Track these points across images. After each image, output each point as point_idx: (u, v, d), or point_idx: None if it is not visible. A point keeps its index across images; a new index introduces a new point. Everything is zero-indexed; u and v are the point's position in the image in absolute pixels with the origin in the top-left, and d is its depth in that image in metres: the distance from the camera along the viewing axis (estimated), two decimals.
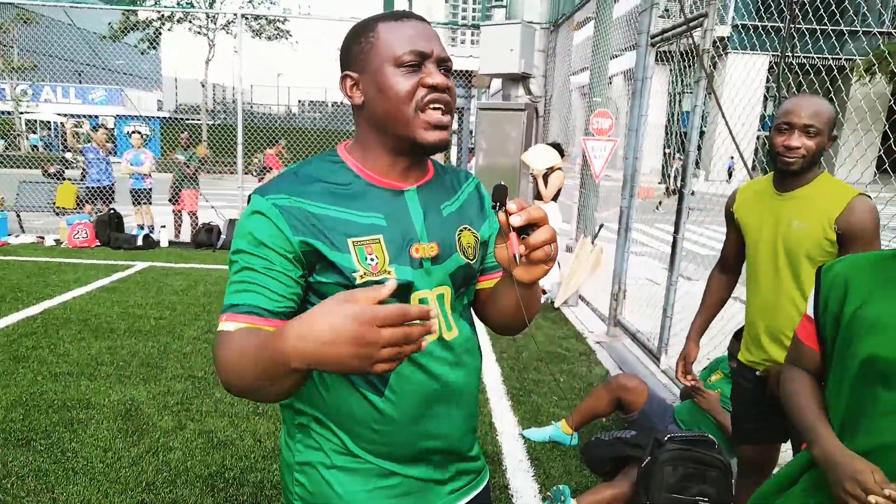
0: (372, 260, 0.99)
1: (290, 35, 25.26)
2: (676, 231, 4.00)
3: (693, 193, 3.91)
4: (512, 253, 0.91)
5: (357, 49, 1.01)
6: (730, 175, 16.61)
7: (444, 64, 1.01)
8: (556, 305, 5.90)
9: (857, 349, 1.17)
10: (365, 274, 0.98)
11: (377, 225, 1.01)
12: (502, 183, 0.93)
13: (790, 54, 3.59)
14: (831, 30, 3.60)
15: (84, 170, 9.05)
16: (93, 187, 8.79)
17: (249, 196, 1.01)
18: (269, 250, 0.96)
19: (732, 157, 12.38)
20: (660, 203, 14.70)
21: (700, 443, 2.41)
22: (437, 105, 0.99)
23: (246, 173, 9.31)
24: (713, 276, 2.38)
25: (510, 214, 0.89)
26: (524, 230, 0.90)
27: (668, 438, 2.41)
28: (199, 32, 24.75)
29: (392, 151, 1.03)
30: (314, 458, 1.07)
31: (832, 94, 5.27)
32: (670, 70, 4.88)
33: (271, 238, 0.96)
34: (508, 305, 1.09)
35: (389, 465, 1.06)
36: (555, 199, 6.52)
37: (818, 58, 4.13)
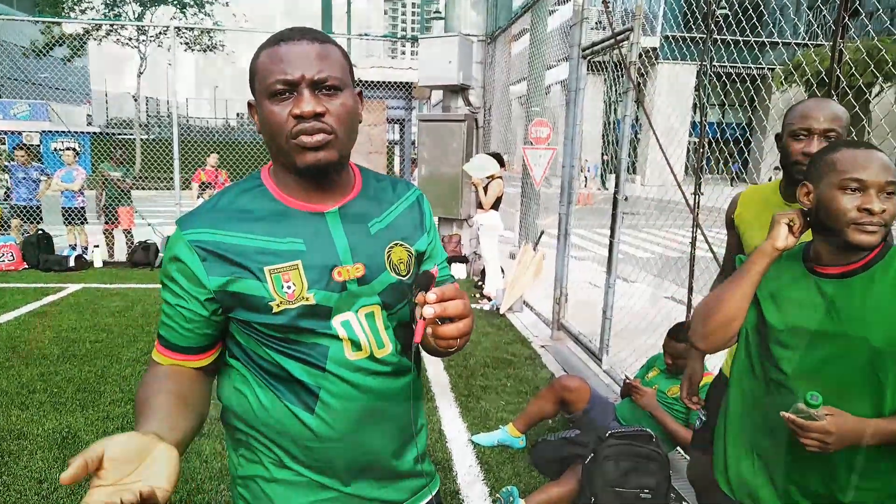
0: (289, 287, 0.99)
1: (224, 46, 24.72)
2: (612, 235, 4.16)
3: (626, 199, 4.07)
4: (414, 341, 0.92)
5: (250, 77, 1.03)
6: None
7: (321, 85, 0.97)
8: (501, 312, 6.01)
9: None
10: (281, 303, 0.99)
11: (296, 251, 1.01)
12: (430, 272, 0.95)
13: (715, 64, 3.81)
14: (752, 41, 3.84)
15: (8, 189, 8.63)
16: (20, 206, 8.41)
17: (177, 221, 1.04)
18: (184, 291, 1.02)
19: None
20: None
21: (639, 437, 2.52)
22: (306, 131, 0.97)
23: (185, 189, 9.07)
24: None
25: (426, 303, 0.89)
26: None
27: (609, 435, 2.52)
28: (127, 44, 23.92)
29: (293, 174, 1.03)
30: (255, 472, 1.08)
31: (756, 103, 5.61)
32: (604, 80, 5.08)
33: (186, 282, 1.01)
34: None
35: (326, 481, 1.07)
36: (496, 207, 6.65)
37: (742, 67, 4.40)
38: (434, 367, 4.40)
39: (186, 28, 22.18)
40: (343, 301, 1.03)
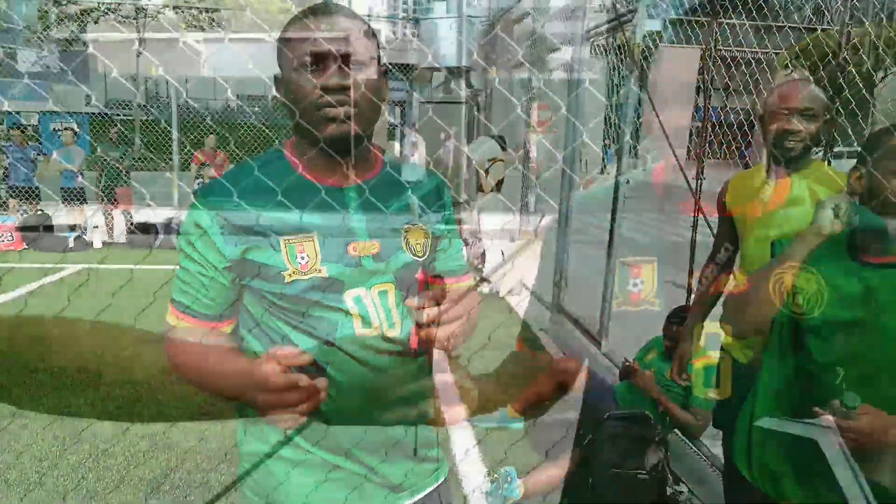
0: (302, 258, 1.01)
1: (224, 24, 24.41)
2: (613, 219, 4.14)
3: (629, 182, 4.05)
4: (412, 346, 0.96)
5: (278, 50, 1.04)
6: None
7: (348, 59, 1.00)
8: (500, 294, 6.01)
9: None
10: (294, 273, 1.00)
11: (313, 223, 1.03)
12: (418, 277, 1.00)
13: (720, 47, 3.76)
14: (758, 24, 3.80)
15: (6, 169, 8.63)
16: (18, 186, 8.41)
17: (195, 192, 1.06)
18: (204, 259, 1.03)
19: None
20: None
21: (637, 419, 2.53)
22: (332, 104, 0.99)
23: (183, 169, 9.04)
24: (705, 271, 2.23)
25: (419, 308, 0.93)
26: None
27: (607, 417, 2.53)
28: (124, 22, 23.72)
29: (315, 148, 1.04)
30: (262, 449, 1.08)
31: (760, 86, 5.55)
32: (608, 63, 5.03)
33: (205, 250, 1.02)
34: None
35: (334, 459, 1.07)
36: (497, 190, 6.63)
37: (748, 50, 4.34)
38: (435, 350, 4.41)
39: (185, 7, 21.98)
40: (356, 276, 1.03)
